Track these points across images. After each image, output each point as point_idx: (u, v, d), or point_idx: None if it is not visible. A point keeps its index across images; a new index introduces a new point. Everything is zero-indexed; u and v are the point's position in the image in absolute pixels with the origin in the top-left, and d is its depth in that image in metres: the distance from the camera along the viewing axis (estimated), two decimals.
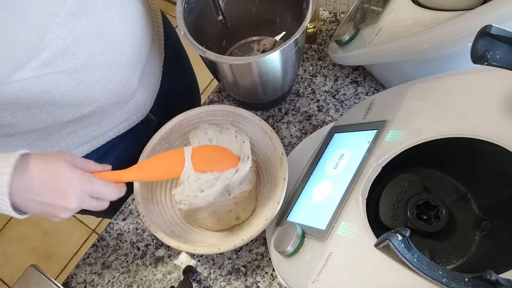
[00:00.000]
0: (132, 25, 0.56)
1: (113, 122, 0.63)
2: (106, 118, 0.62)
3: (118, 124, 0.65)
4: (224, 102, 0.77)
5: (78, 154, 0.63)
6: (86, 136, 0.62)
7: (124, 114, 0.64)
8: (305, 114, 0.73)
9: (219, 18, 0.71)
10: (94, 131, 0.62)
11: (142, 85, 0.63)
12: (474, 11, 0.48)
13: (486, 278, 0.28)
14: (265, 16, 0.73)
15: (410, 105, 0.50)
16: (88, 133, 0.61)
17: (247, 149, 0.57)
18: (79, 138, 0.61)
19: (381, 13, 0.63)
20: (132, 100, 0.63)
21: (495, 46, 0.34)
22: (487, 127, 0.41)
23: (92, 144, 0.64)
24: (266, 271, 0.61)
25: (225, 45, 0.77)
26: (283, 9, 0.70)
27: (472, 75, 0.47)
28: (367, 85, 0.73)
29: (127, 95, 0.60)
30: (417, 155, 0.45)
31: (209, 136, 0.59)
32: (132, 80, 0.59)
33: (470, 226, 0.46)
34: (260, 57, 0.55)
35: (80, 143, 0.62)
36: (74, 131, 0.59)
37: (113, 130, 0.65)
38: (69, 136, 0.59)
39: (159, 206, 0.61)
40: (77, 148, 0.62)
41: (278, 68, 0.60)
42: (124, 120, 0.65)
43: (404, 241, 0.30)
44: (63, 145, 0.60)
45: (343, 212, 0.45)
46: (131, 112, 0.65)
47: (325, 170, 0.54)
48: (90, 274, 0.65)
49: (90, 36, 0.49)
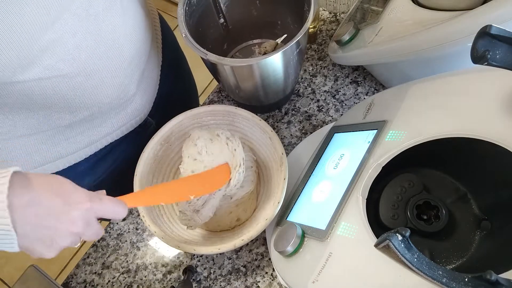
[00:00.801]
0: (132, 29, 0.56)
1: (111, 127, 0.63)
2: (104, 123, 0.61)
3: (116, 128, 0.64)
4: (224, 102, 0.77)
5: (76, 158, 0.63)
6: (84, 141, 0.61)
7: (122, 119, 0.64)
8: (305, 114, 0.73)
9: (220, 21, 0.71)
10: (92, 135, 0.62)
11: (140, 89, 0.63)
12: (474, 11, 0.48)
13: (486, 278, 0.28)
14: (266, 19, 0.73)
15: (410, 105, 0.50)
16: (86, 137, 0.61)
17: (238, 156, 0.57)
18: (76, 143, 0.60)
19: (381, 13, 0.63)
20: (131, 104, 0.63)
21: (495, 46, 0.34)
22: (487, 127, 0.41)
23: (90, 148, 0.63)
24: (266, 271, 0.61)
25: (226, 48, 0.77)
26: (284, 11, 0.70)
27: (472, 75, 0.47)
28: (367, 85, 0.73)
29: (125, 100, 0.60)
30: (417, 155, 0.45)
31: (198, 148, 0.57)
32: (131, 85, 0.59)
33: (470, 226, 0.46)
34: (262, 59, 0.55)
35: (78, 148, 0.61)
36: (72, 135, 0.59)
37: (111, 135, 0.65)
38: (67, 140, 0.59)
39: (159, 206, 0.61)
40: (75, 152, 0.62)
41: (280, 70, 0.60)
42: (122, 125, 0.65)
43: (404, 241, 0.30)
44: (61, 149, 0.60)
45: (343, 212, 0.45)
46: (129, 117, 0.64)
47: (325, 170, 0.54)
48: (90, 274, 0.65)
49: (91, 40, 0.49)
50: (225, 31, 0.73)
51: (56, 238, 0.37)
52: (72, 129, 0.58)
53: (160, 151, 0.63)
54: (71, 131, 0.58)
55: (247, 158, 0.62)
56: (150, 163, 0.62)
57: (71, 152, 0.61)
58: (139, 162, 0.60)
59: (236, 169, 0.56)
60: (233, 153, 0.57)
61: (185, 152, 0.59)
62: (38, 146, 0.57)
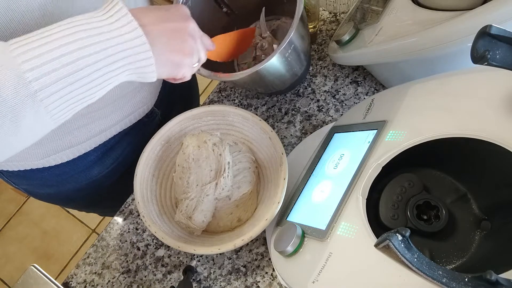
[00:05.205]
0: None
1: (120, 115, 0.64)
2: (114, 112, 0.62)
3: (125, 117, 0.65)
4: (224, 102, 0.77)
5: (86, 148, 0.64)
6: (95, 130, 0.62)
7: (131, 107, 0.65)
8: (305, 114, 0.73)
9: (223, 10, 0.70)
10: (103, 124, 0.63)
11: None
12: (474, 11, 0.48)
13: (486, 278, 0.28)
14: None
15: (410, 105, 0.50)
16: (97, 126, 0.62)
17: (224, 160, 0.58)
18: (87, 131, 0.61)
19: (381, 13, 0.63)
20: (139, 93, 0.64)
21: (495, 46, 0.34)
22: (487, 127, 0.41)
23: (99, 137, 0.64)
24: (266, 271, 0.61)
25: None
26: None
27: (472, 75, 0.47)
28: (367, 85, 0.73)
29: (134, 87, 0.61)
30: (417, 155, 0.45)
31: (185, 156, 0.60)
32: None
33: (470, 226, 0.46)
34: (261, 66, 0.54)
35: (89, 136, 0.62)
36: (83, 124, 0.60)
37: (120, 123, 0.66)
38: (78, 129, 0.60)
39: (159, 206, 0.61)
40: (86, 141, 0.63)
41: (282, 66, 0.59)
42: (130, 113, 0.66)
43: (404, 241, 0.30)
44: (72, 138, 0.60)
45: (343, 212, 0.45)
46: (137, 105, 0.66)
47: (325, 170, 0.54)
48: (90, 274, 0.65)
49: None
50: (231, 18, 0.73)
51: (179, 27, 0.42)
52: (84, 118, 0.59)
53: (160, 151, 0.63)
54: (84, 120, 0.59)
55: (244, 159, 0.62)
56: (150, 163, 0.62)
57: (82, 141, 0.62)
58: (139, 162, 0.60)
59: (221, 173, 0.56)
60: (218, 159, 0.58)
61: (177, 161, 0.62)
62: (49, 135, 0.57)
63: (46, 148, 0.59)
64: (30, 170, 0.63)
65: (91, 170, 0.68)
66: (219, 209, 0.59)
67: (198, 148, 0.60)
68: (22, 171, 0.63)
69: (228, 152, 0.59)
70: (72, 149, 0.62)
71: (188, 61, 0.44)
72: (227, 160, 0.58)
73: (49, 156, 0.61)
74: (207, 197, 0.57)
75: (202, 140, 0.60)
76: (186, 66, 0.44)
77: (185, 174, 0.59)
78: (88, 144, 0.64)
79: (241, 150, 0.63)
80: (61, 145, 0.60)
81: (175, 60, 0.42)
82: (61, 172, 0.65)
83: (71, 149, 0.62)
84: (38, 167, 0.62)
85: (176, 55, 0.42)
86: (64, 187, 0.69)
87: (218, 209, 0.59)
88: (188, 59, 0.43)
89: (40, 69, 0.33)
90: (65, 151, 0.62)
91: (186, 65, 0.44)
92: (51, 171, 0.64)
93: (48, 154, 0.60)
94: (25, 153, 0.59)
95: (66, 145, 0.61)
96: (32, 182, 0.67)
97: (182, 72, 0.44)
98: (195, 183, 0.58)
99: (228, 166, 0.58)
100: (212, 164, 0.58)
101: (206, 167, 0.58)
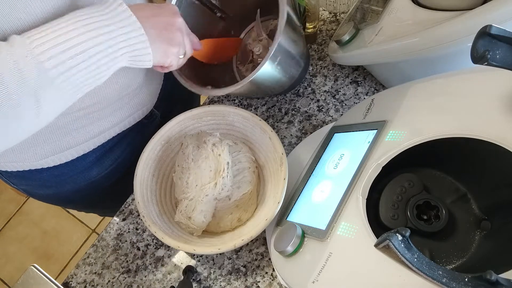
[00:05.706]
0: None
1: (119, 117, 0.64)
2: (113, 113, 0.62)
3: (124, 118, 0.65)
4: (224, 102, 0.77)
5: (85, 149, 0.64)
6: (94, 131, 0.62)
7: (130, 109, 0.65)
8: (305, 114, 0.73)
9: (217, 15, 0.70)
10: (102, 125, 0.63)
11: (147, 78, 0.65)
12: (474, 11, 0.48)
13: (486, 278, 0.28)
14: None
15: (410, 105, 0.50)
16: (96, 127, 0.62)
17: (223, 161, 0.58)
18: (86, 133, 0.62)
19: (381, 13, 0.63)
20: (138, 94, 0.64)
21: (495, 46, 0.34)
22: (487, 127, 0.41)
23: (98, 139, 0.65)
24: (266, 271, 0.61)
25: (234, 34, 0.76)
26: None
27: (472, 75, 0.47)
28: (367, 85, 0.73)
29: (133, 88, 0.61)
30: (417, 155, 0.45)
31: (185, 156, 0.60)
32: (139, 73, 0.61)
33: (470, 226, 0.46)
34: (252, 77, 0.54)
35: (87, 138, 0.63)
36: (82, 125, 0.60)
37: (119, 125, 0.66)
38: (77, 131, 0.60)
39: (159, 206, 0.61)
40: (84, 142, 0.63)
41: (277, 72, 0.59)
42: (129, 115, 0.66)
43: (404, 241, 0.30)
44: (71, 139, 0.61)
45: (343, 212, 0.45)
46: (136, 107, 0.66)
47: (325, 170, 0.54)
48: (90, 274, 0.65)
49: None
50: (227, 22, 0.72)
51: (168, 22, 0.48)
52: (82, 119, 0.59)
53: (160, 151, 0.63)
54: (82, 121, 0.59)
55: (244, 159, 0.62)
56: (150, 163, 0.62)
57: (80, 142, 0.62)
58: (139, 162, 0.60)
59: (220, 174, 0.56)
60: (217, 159, 0.58)
61: (176, 161, 0.62)
62: (48, 136, 0.58)
63: (45, 149, 0.59)
64: (29, 171, 0.63)
65: (90, 171, 0.68)
66: (219, 209, 0.59)
67: (198, 148, 0.60)
68: (21, 171, 0.63)
69: (227, 152, 0.59)
70: (71, 150, 0.62)
71: (175, 51, 0.50)
72: (226, 160, 0.58)
73: (48, 157, 0.61)
74: (206, 197, 0.57)
75: (202, 140, 0.60)
76: (172, 55, 0.50)
77: (185, 174, 0.59)
78: (87, 145, 0.64)
79: (241, 150, 0.63)
80: (60, 146, 0.60)
81: (164, 49, 0.48)
82: (60, 173, 0.65)
83: (70, 150, 0.62)
84: (37, 167, 0.62)
85: (165, 44, 0.48)
86: (63, 188, 0.69)
87: (218, 209, 0.59)
88: (175, 49, 0.50)
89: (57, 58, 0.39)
90: (64, 152, 0.62)
91: (173, 55, 0.50)
92: (50, 172, 0.64)
93: (47, 155, 0.60)
94: (24, 153, 0.59)
95: (65, 146, 0.61)
96: (31, 182, 0.67)
97: (169, 60, 0.50)
98: (194, 183, 0.58)
99: (227, 166, 0.58)
100: (211, 164, 0.58)
101: (205, 167, 0.58)
